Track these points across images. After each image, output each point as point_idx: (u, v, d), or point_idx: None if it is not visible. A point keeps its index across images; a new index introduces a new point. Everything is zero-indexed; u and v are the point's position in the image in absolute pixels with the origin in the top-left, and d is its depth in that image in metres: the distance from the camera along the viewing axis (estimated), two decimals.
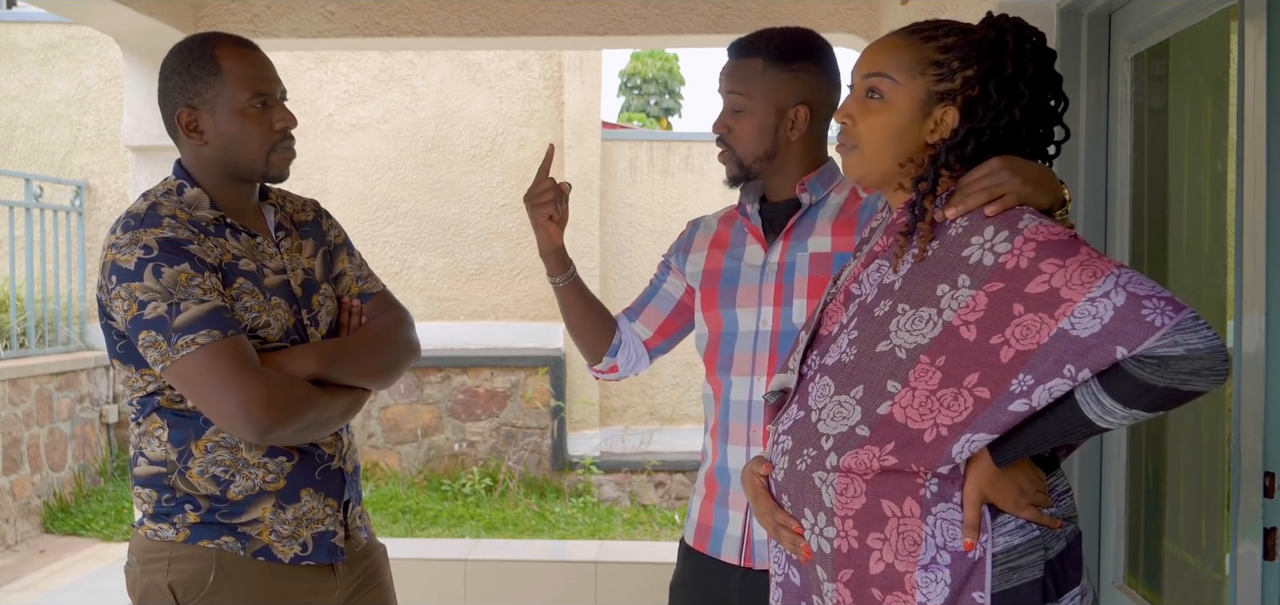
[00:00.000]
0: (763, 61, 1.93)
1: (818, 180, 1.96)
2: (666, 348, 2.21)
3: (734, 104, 1.95)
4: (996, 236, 1.35)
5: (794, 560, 1.51)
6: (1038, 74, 1.43)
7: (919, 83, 1.45)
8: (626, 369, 2.20)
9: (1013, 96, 1.42)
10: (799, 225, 1.95)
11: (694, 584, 2.03)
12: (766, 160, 1.95)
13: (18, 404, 6.37)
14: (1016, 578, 1.36)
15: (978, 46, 1.44)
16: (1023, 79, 1.42)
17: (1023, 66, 1.42)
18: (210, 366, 1.73)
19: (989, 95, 1.42)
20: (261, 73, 1.88)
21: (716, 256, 2.04)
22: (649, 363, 2.21)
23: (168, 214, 1.80)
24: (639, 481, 7.61)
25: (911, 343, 1.37)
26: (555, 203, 2.02)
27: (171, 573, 1.82)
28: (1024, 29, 1.45)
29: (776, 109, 1.92)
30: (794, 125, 1.93)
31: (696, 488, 2.07)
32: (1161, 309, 1.25)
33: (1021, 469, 1.38)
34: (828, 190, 1.96)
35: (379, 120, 8.39)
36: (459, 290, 8.43)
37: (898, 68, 1.46)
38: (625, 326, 2.17)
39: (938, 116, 1.45)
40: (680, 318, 2.15)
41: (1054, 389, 1.29)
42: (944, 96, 1.44)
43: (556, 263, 2.09)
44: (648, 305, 2.17)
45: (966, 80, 1.43)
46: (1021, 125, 1.43)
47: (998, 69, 1.42)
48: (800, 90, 1.92)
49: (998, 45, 1.43)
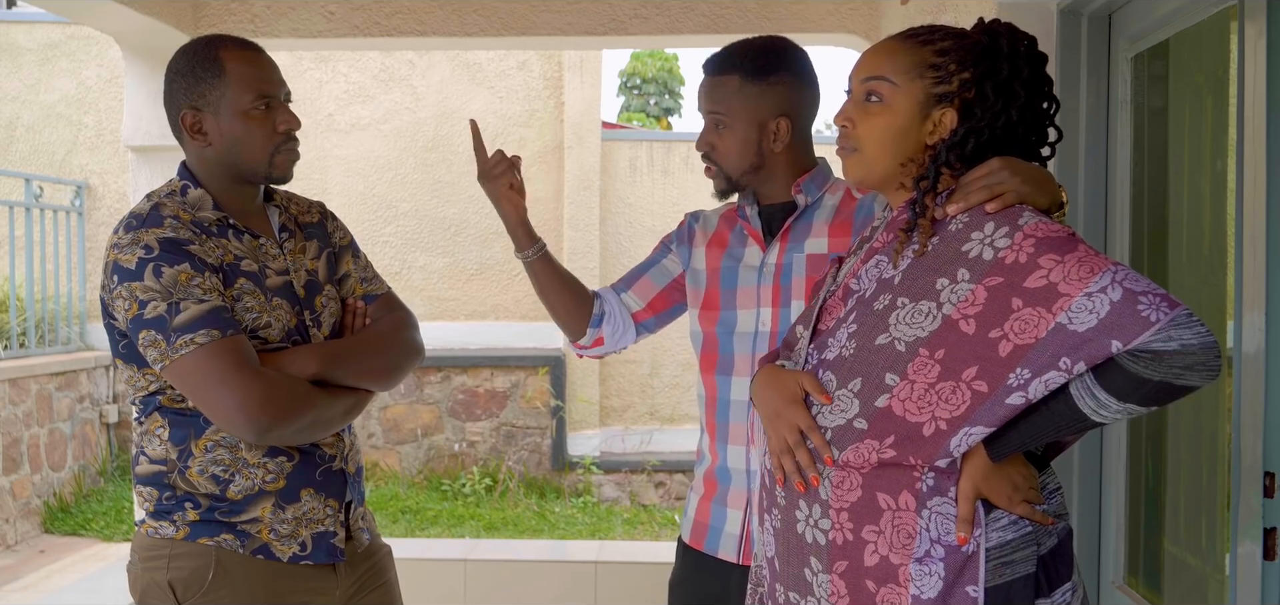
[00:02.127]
0: (739, 78, 1.93)
1: (812, 182, 1.97)
2: (654, 325, 2.17)
3: (715, 121, 1.96)
4: (996, 232, 1.37)
5: (772, 554, 1.53)
6: (1031, 76, 1.47)
7: (918, 85, 1.48)
8: (612, 342, 2.15)
9: (1009, 97, 1.45)
10: (795, 227, 1.96)
11: (693, 582, 2.04)
12: (753, 172, 1.96)
13: (18, 404, 6.37)
14: (1010, 572, 1.38)
15: (973, 50, 1.47)
16: (1018, 80, 1.45)
17: (1018, 68, 1.46)
18: (209, 366, 1.73)
19: (986, 97, 1.45)
20: (265, 74, 1.88)
21: (715, 256, 2.04)
22: (635, 337, 2.17)
23: (170, 214, 1.81)
24: (639, 481, 7.61)
25: (910, 336, 1.39)
26: (510, 172, 2.03)
27: (171, 570, 1.82)
28: (1017, 34, 1.48)
29: (757, 123, 1.93)
30: (776, 137, 1.94)
31: (693, 487, 2.08)
32: (1156, 305, 1.27)
33: (1015, 466, 1.41)
34: (822, 191, 1.98)
35: (379, 120, 8.39)
36: (459, 290, 8.43)
37: (896, 71, 1.49)
38: (612, 298, 2.14)
39: (936, 118, 1.48)
40: (673, 295, 2.14)
41: (1050, 382, 1.32)
42: (942, 98, 1.47)
43: (526, 235, 2.08)
44: (643, 277, 2.14)
45: (964, 82, 1.46)
46: (1017, 125, 1.46)
47: (994, 71, 1.45)
48: (778, 102, 1.93)
49: (993, 49, 1.47)
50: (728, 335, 1.98)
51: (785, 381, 1.50)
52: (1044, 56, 1.50)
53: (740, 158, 1.95)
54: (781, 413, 1.48)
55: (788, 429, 1.47)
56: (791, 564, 1.49)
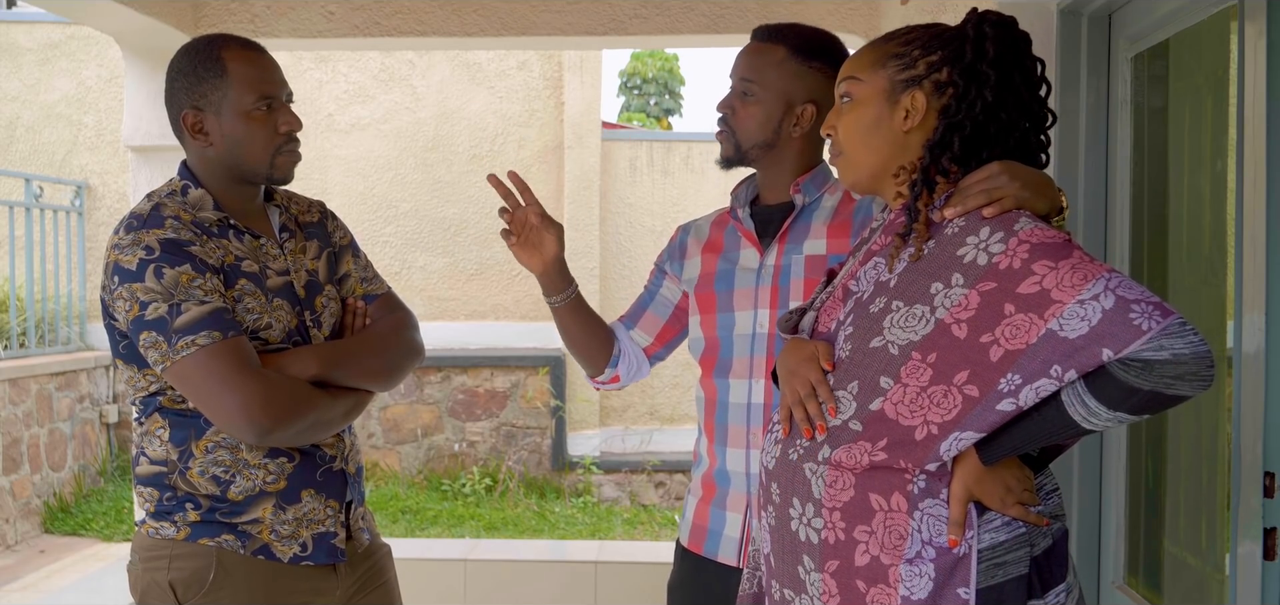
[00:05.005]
0: (785, 50, 1.92)
1: (811, 182, 1.96)
2: (665, 354, 2.19)
3: (743, 88, 1.94)
4: (991, 237, 1.37)
5: (768, 551, 1.54)
6: (1002, 56, 1.44)
7: (881, 74, 1.50)
8: (628, 378, 2.17)
9: (978, 81, 1.44)
10: (794, 228, 1.94)
11: (692, 585, 2.03)
12: (764, 149, 1.94)
13: (18, 404, 6.37)
14: (1002, 574, 1.38)
15: (940, 36, 1.48)
16: (984, 61, 1.44)
17: (983, 49, 1.44)
18: (210, 367, 1.73)
19: (955, 82, 1.45)
20: (267, 75, 1.88)
21: (710, 261, 2.03)
22: (649, 370, 2.19)
23: (170, 215, 1.81)
24: (639, 481, 7.61)
25: (904, 339, 1.39)
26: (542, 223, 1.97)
27: (172, 571, 1.82)
28: (987, 17, 1.47)
29: (786, 101, 1.92)
30: (798, 121, 1.92)
31: (692, 489, 2.06)
32: (1149, 313, 1.26)
33: (1009, 467, 1.40)
34: (821, 191, 1.96)
35: (379, 120, 8.39)
36: (459, 290, 8.43)
37: (861, 68, 1.52)
38: (623, 335, 2.15)
39: (906, 104, 1.48)
40: (678, 323, 2.14)
41: (1041, 389, 1.31)
42: (908, 83, 1.48)
43: (560, 278, 2.02)
44: (645, 312, 2.15)
45: (930, 64, 1.47)
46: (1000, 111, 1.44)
47: (959, 55, 1.45)
48: (812, 88, 1.92)
49: (959, 33, 1.47)
50: (726, 337, 1.97)
51: (803, 346, 1.54)
52: (1023, 36, 1.48)
53: (759, 130, 1.93)
54: (796, 370, 1.51)
55: (800, 383, 1.49)
56: (786, 562, 1.50)
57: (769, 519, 1.54)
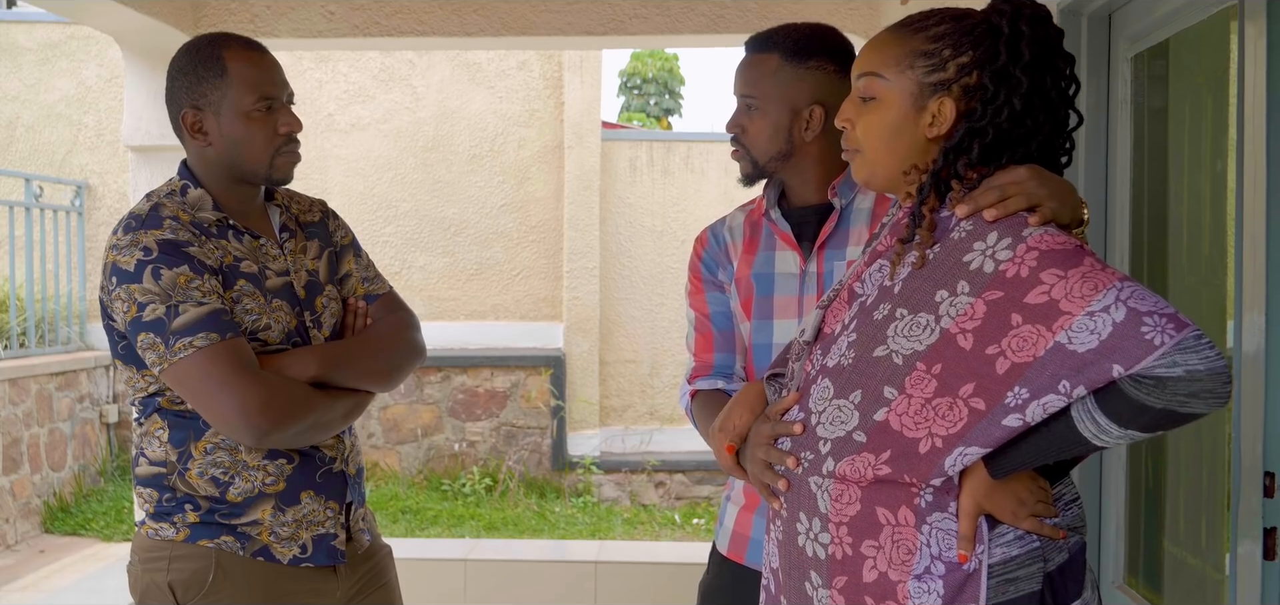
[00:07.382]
0: (778, 58, 1.86)
1: (846, 184, 1.87)
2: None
3: (746, 104, 1.88)
4: (999, 243, 1.30)
5: (776, 566, 1.51)
6: (1037, 58, 1.35)
7: (909, 76, 1.40)
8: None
9: (1010, 86, 1.35)
10: (835, 233, 1.86)
11: (730, 593, 1.95)
12: (781, 160, 1.88)
13: (18, 404, 6.37)
14: (1013, 590, 1.32)
15: (971, 33, 1.38)
16: (1019, 65, 1.35)
17: (1018, 51, 1.35)
18: (207, 369, 1.72)
19: (985, 87, 1.36)
20: (268, 75, 1.87)
21: (747, 264, 1.94)
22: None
23: (169, 215, 1.80)
24: (639, 481, 7.61)
25: (908, 349, 1.33)
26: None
27: (171, 572, 1.82)
28: (1023, 10, 1.37)
29: (790, 108, 1.85)
30: (808, 125, 1.85)
31: (731, 495, 1.99)
32: (1162, 327, 1.20)
33: (1022, 479, 1.34)
34: (855, 192, 1.87)
35: (379, 120, 8.39)
36: (459, 290, 8.43)
37: (886, 64, 1.42)
38: (729, 383, 1.96)
39: (933, 110, 1.39)
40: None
41: (1048, 405, 1.25)
42: (937, 87, 1.39)
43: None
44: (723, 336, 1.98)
45: (961, 68, 1.37)
46: (1026, 115, 1.35)
47: (992, 57, 1.36)
48: (815, 89, 1.85)
49: (993, 30, 1.37)
50: (767, 344, 1.89)
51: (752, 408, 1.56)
52: (1058, 32, 1.38)
53: (770, 142, 1.86)
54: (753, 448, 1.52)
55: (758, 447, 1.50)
56: (793, 577, 1.45)
57: (777, 533, 1.49)
